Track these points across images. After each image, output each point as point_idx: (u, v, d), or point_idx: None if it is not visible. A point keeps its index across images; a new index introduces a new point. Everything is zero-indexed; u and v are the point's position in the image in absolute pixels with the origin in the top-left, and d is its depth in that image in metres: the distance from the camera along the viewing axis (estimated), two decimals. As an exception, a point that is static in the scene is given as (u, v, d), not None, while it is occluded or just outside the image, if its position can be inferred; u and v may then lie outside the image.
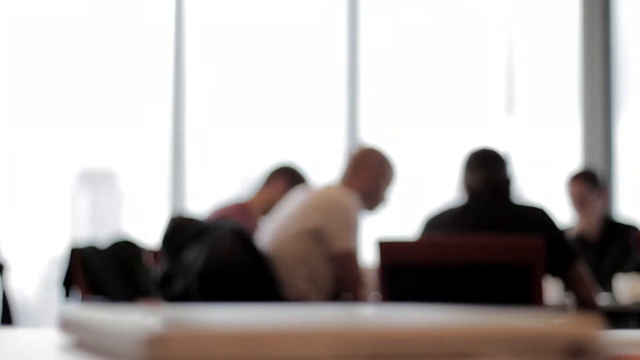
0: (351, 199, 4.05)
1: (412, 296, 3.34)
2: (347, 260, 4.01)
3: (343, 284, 4.07)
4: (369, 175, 4.19)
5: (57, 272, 4.41)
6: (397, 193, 4.48)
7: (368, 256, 5.26)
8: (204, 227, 3.95)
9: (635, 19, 7.26)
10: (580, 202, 5.35)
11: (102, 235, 5.27)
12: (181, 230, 3.96)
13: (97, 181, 7.07)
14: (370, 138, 6.94)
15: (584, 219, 5.35)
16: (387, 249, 3.42)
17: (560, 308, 4.08)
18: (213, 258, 3.83)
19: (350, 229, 4.01)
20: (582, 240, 5.35)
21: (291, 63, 7.16)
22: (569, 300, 4.04)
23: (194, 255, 3.86)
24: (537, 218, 3.65)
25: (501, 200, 3.74)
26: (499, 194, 3.74)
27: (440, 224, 3.77)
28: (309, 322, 0.55)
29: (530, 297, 3.29)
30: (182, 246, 3.93)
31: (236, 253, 3.86)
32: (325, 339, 0.54)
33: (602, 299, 4.64)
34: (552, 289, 4.54)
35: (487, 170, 3.79)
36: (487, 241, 3.38)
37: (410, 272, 3.40)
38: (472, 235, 3.62)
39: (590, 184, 5.38)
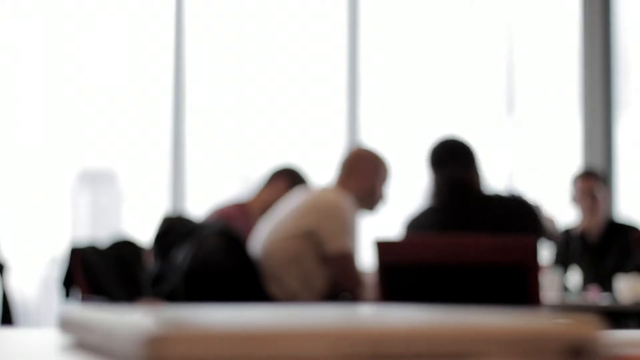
0: (346, 201, 4.05)
1: (410, 296, 3.34)
2: (343, 261, 4.01)
3: (341, 284, 4.07)
4: (364, 175, 4.20)
5: (57, 272, 4.41)
6: (397, 194, 4.48)
7: (369, 257, 5.26)
8: (194, 227, 3.96)
9: (635, 19, 7.26)
10: (590, 199, 5.35)
11: (102, 235, 5.28)
12: (172, 230, 3.97)
13: (97, 181, 7.07)
14: (370, 138, 6.94)
15: (590, 217, 5.35)
16: (385, 249, 3.42)
17: (558, 307, 4.08)
18: (198, 258, 3.83)
19: (345, 230, 4.01)
20: (583, 240, 5.35)
21: (291, 63, 7.16)
22: None
23: (182, 255, 3.87)
24: (516, 206, 3.65)
25: (474, 194, 3.74)
26: (469, 189, 3.74)
27: (420, 226, 3.77)
28: (309, 322, 0.55)
29: (528, 296, 3.29)
30: (173, 246, 3.94)
31: (221, 253, 3.87)
32: (325, 339, 0.54)
33: (602, 299, 4.64)
34: (550, 289, 4.54)
35: (451, 167, 3.78)
36: (485, 241, 3.38)
37: (408, 272, 3.40)
38: (466, 234, 3.62)
39: (599, 182, 5.40)
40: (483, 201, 3.70)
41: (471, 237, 3.52)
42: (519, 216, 3.62)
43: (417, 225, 3.79)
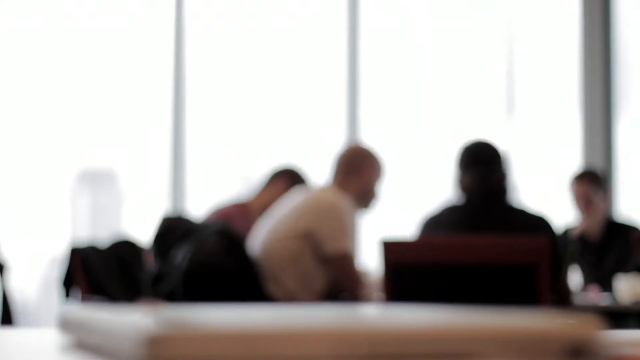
0: (345, 201, 4.04)
1: (417, 296, 3.34)
2: (342, 261, 4.01)
3: (340, 284, 4.07)
4: (362, 174, 4.19)
5: (57, 272, 4.41)
6: (397, 194, 4.48)
7: (370, 257, 5.25)
8: (194, 228, 3.96)
9: (635, 20, 7.26)
10: (585, 202, 5.34)
11: (102, 235, 5.27)
12: (172, 230, 3.97)
13: (97, 181, 7.07)
14: (370, 138, 6.94)
15: (588, 219, 5.34)
16: (391, 249, 3.41)
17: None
18: (198, 258, 3.83)
19: (344, 230, 4.01)
20: (583, 240, 5.35)
21: (291, 63, 7.16)
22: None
23: (182, 255, 3.87)
24: (539, 225, 3.64)
25: (499, 202, 3.72)
26: (496, 195, 3.73)
27: (438, 225, 3.76)
28: (308, 322, 0.55)
29: (535, 297, 3.29)
30: (172, 246, 3.94)
31: (220, 253, 3.87)
32: (325, 339, 0.54)
33: (602, 299, 4.64)
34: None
35: (481, 169, 3.76)
36: (493, 241, 3.37)
37: (415, 272, 3.40)
38: (477, 235, 3.61)
39: (595, 184, 5.38)
40: (508, 210, 3.69)
41: (481, 238, 3.52)
42: (537, 234, 3.60)
43: (437, 223, 3.76)
